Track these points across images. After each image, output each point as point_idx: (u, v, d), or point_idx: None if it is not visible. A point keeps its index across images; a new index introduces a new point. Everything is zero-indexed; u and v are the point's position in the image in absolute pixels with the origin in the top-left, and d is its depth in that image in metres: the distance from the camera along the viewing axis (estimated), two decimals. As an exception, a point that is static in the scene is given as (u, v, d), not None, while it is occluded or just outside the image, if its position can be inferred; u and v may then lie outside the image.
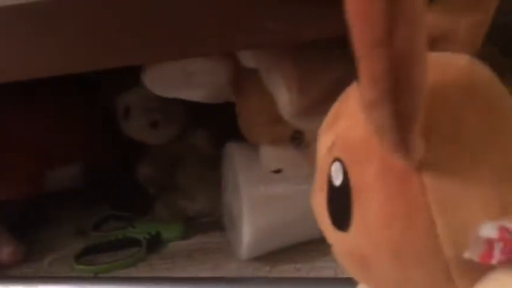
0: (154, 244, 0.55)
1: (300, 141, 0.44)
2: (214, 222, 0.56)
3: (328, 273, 0.46)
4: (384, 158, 0.21)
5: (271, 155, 0.45)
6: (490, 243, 0.19)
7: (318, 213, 0.25)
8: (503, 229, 0.19)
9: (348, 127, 0.23)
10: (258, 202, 0.46)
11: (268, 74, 0.41)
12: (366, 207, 0.21)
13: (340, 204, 0.22)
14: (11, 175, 0.55)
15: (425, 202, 0.20)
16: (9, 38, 0.34)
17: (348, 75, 0.40)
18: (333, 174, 0.23)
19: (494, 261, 0.19)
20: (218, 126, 0.58)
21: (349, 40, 0.18)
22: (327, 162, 0.24)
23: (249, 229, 0.46)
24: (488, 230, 0.19)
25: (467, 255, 0.20)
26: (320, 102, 0.39)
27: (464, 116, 0.21)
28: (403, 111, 0.17)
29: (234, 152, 0.49)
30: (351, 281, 0.44)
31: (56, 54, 0.34)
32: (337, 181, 0.22)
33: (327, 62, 0.40)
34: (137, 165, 0.61)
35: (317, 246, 0.49)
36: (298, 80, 0.39)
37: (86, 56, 0.34)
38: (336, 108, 0.25)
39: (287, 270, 0.48)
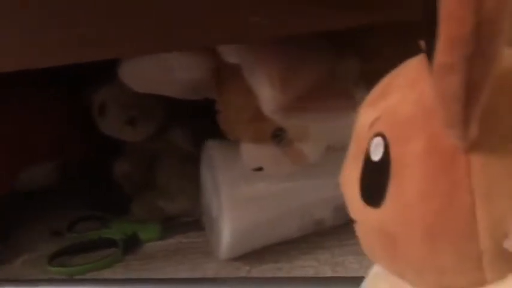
0: (131, 245, 0.55)
1: (282, 139, 0.43)
2: (193, 222, 0.56)
3: (309, 272, 0.46)
4: (432, 136, 0.21)
5: (252, 153, 0.44)
6: None
7: (346, 189, 0.25)
8: None
9: (396, 103, 0.23)
10: (238, 201, 0.46)
11: (251, 70, 0.41)
12: (404, 183, 0.21)
13: (376, 179, 0.23)
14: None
15: (469, 184, 0.20)
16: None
17: (330, 72, 0.41)
18: (372, 149, 0.23)
19: None
20: (197, 123, 0.57)
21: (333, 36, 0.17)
22: (367, 137, 0.24)
23: (229, 229, 0.45)
24: None
25: (506, 245, 0.20)
26: (302, 99, 0.40)
27: None
28: (474, 80, 0.17)
29: (213, 150, 0.49)
30: (331, 280, 0.45)
31: (25, 47, 0.33)
32: (376, 156, 0.23)
33: (310, 58, 0.40)
34: (114, 163, 0.60)
35: (297, 245, 0.50)
36: (280, 76, 0.39)
37: (55, 49, 0.33)
38: (382, 85, 0.25)
39: (267, 269, 0.47)
